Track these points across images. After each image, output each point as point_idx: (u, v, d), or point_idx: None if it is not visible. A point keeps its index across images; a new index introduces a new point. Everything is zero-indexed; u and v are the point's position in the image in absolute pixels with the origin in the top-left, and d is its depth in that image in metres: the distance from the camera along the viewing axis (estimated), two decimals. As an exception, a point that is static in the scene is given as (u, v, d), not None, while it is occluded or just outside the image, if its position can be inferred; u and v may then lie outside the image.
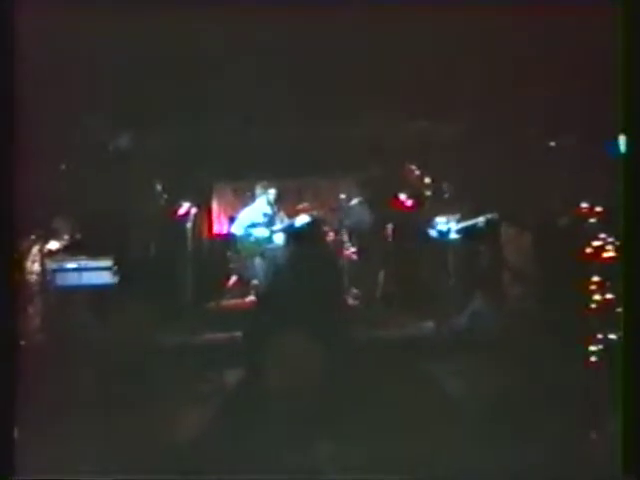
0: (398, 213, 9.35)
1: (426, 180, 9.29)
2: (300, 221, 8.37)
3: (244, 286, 9.34)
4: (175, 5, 5.65)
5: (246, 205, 9.54)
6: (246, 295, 9.16)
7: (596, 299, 6.19)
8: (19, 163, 4.22)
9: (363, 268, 9.20)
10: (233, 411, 5.00)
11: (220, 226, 10.69)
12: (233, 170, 9.87)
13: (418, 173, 9.45)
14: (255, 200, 9.38)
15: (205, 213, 10.48)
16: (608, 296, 6.07)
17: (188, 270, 9.00)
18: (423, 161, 9.48)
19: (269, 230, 9.15)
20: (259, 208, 9.27)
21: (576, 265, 6.54)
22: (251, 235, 9.20)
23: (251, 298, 8.89)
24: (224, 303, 9.29)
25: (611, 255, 6.18)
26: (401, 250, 9.23)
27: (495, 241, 8.20)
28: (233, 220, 9.61)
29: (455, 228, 8.32)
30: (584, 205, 6.71)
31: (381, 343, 7.02)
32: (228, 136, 9.30)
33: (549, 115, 7.54)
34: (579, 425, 4.64)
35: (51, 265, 7.08)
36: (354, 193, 9.44)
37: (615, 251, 6.09)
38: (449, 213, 8.41)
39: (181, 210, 9.04)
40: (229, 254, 9.78)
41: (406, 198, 9.37)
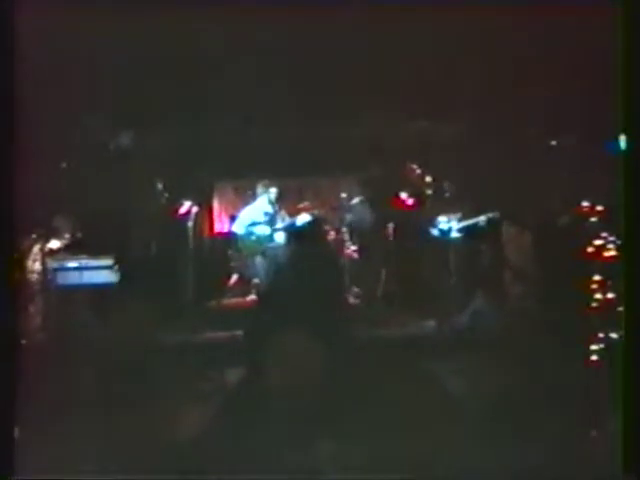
0: (399, 212, 9.34)
1: (427, 179, 9.28)
2: (301, 220, 8.39)
3: (245, 285, 9.34)
4: (175, 5, 5.65)
5: (247, 204, 9.54)
6: (247, 294, 9.15)
7: (597, 298, 6.19)
8: (20, 163, 4.23)
9: (364, 267, 9.19)
10: (234, 410, 5.00)
11: (221, 225, 10.68)
12: (234, 169, 9.86)
13: (419, 172, 9.44)
14: (256, 199, 9.38)
15: (206, 212, 10.47)
16: (609, 295, 6.06)
17: (189, 269, 9.00)
18: (424, 160, 9.47)
19: (270, 229, 9.15)
20: (260, 207, 9.27)
21: (577, 264, 6.53)
22: (252, 234, 9.20)
23: (252, 297, 8.88)
24: (225, 302, 9.30)
25: (612, 254, 6.17)
26: (402, 249, 9.22)
27: (496, 240, 8.19)
28: (234, 219, 9.60)
29: (456, 227, 8.31)
30: (585, 204, 6.71)
31: (382, 342, 7.01)
32: (229, 135, 9.29)
33: (550, 114, 7.54)
34: (580, 424, 4.64)
35: (52, 264, 7.08)
36: (355, 192, 9.44)
37: (616, 250, 6.08)
38: (450, 212, 8.40)
39: (182, 209, 9.04)
40: (230, 253, 9.77)
41: (407, 197, 9.37)
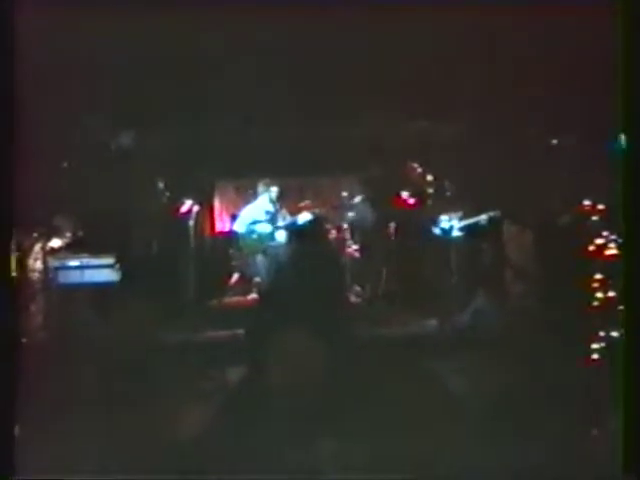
0: (400, 211, 9.34)
1: (428, 178, 9.28)
2: (302, 219, 8.40)
3: (246, 284, 9.34)
4: (175, 5, 5.64)
5: (248, 203, 9.54)
6: (248, 293, 9.16)
7: (598, 297, 6.19)
8: (21, 162, 4.23)
9: (365, 266, 9.21)
10: (235, 409, 5.00)
11: (222, 224, 10.69)
12: (235, 168, 9.86)
13: (420, 171, 9.44)
14: (257, 198, 9.38)
15: (207, 211, 10.47)
16: (610, 294, 6.06)
17: (190, 268, 9.00)
18: (425, 159, 9.46)
19: (271, 228, 9.15)
20: (261, 206, 9.27)
21: (578, 263, 6.53)
22: (253, 233, 9.20)
23: (253, 296, 8.89)
24: (226, 301, 9.30)
25: (613, 253, 6.17)
26: (403, 248, 9.21)
27: (497, 239, 8.18)
28: (235, 218, 9.61)
29: (457, 226, 8.31)
30: (587, 203, 6.71)
31: (384, 341, 7.01)
32: (230, 134, 9.29)
33: (550, 114, 7.53)
34: (580, 424, 4.64)
35: (53, 263, 7.07)
36: (356, 191, 9.45)
37: (617, 249, 6.08)
38: (451, 211, 8.40)
39: (183, 208, 9.04)
40: (231, 252, 9.77)
41: (408, 196, 9.37)
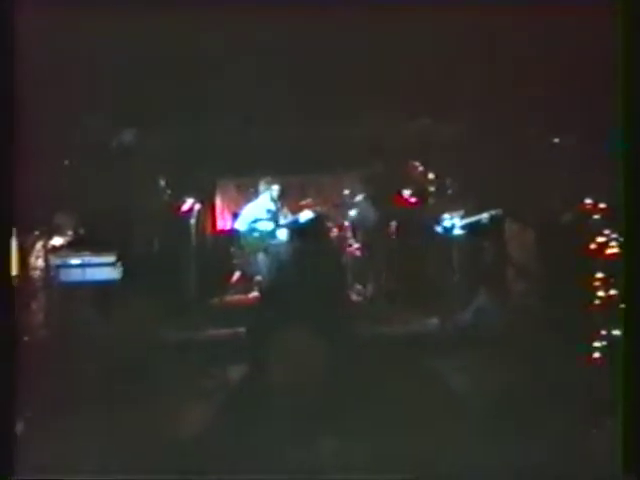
0: (401, 209, 9.33)
1: (429, 177, 9.28)
2: (304, 217, 8.39)
3: (247, 282, 9.33)
4: (175, 5, 5.63)
5: (249, 201, 9.53)
6: (249, 291, 9.15)
7: (600, 295, 6.18)
8: (22, 161, 4.23)
9: (367, 264, 9.20)
10: (237, 407, 5.00)
11: (224, 222, 10.68)
12: (236, 166, 9.85)
13: (421, 170, 9.44)
14: (258, 196, 9.38)
15: (208, 209, 10.46)
16: (612, 292, 6.06)
17: (191, 266, 8.98)
18: (426, 158, 9.46)
19: (272, 226, 9.14)
20: (262, 204, 9.27)
21: (580, 261, 6.52)
22: (255, 231, 9.20)
23: (254, 294, 8.87)
24: (227, 299, 9.29)
25: (615, 251, 6.16)
26: (405, 246, 9.20)
27: (499, 237, 8.17)
28: (237, 216, 9.61)
29: (459, 224, 8.30)
30: (588, 201, 6.70)
31: (385, 339, 7.00)
32: (231, 133, 9.28)
33: (551, 113, 7.52)
34: (580, 423, 4.63)
35: (55, 261, 7.08)
36: (357, 189, 9.44)
37: (618, 247, 6.07)
38: (453, 209, 8.39)
39: (184, 206, 9.03)
40: (232, 250, 9.76)
41: (410, 195, 9.36)
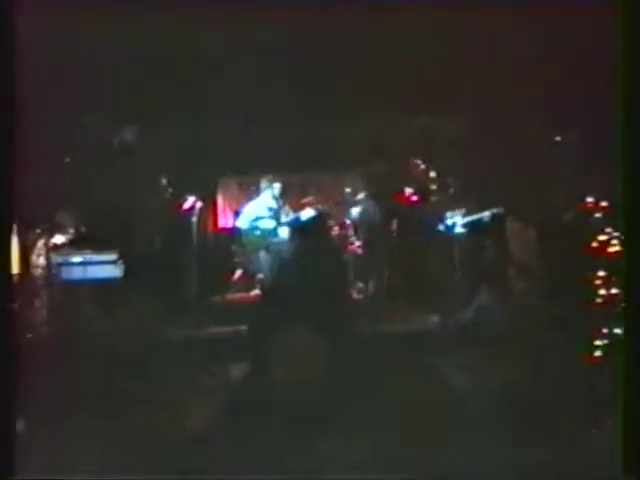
0: (403, 207, 9.34)
1: (431, 175, 9.28)
2: (305, 215, 8.39)
3: (249, 280, 9.36)
4: (175, 5, 5.63)
5: (251, 199, 9.54)
6: (251, 289, 9.17)
7: (601, 294, 6.18)
8: (23, 161, 4.23)
9: (368, 262, 9.21)
10: (238, 405, 5.01)
11: (225, 220, 10.71)
12: (238, 165, 9.86)
13: (423, 168, 9.45)
14: (260, 194, 9.38)
15: (210, 207, 10.48)
16: (613, 291, 6.05)
17: (193, 264, 8.99)
18: (428, 156, 9.46)
19: (274, 224, 9.15)
20: (264, 202, 9.27)
21: (581, 260, 6.52)
22: (256, 229, 9.20)
23: (256, 292, 8.89)
24: (229, 297, 9.32)
25: (616, 250, 6.16)
26: (406, 244, 9.22)
27: (500, 236, 8.17)
28: (238, 214, 9.62)
29: (460, 223, 8.30)
30: (589, 200, 6.70)
31: (386, 337, 7.01)
32: (233, 132, 9.28)
33: (552, 112, 7.52)
34: (580, 423, 4.63)
35: (56, 259, 7.09)
36: (359, 187, 9.45)
37: (620, 246, 6.07)
38: (454, 208, 8.40)
39: (186, 204, 9.03)
40: (234, 248, 9.78)
41: (411, 193, 9.37)
